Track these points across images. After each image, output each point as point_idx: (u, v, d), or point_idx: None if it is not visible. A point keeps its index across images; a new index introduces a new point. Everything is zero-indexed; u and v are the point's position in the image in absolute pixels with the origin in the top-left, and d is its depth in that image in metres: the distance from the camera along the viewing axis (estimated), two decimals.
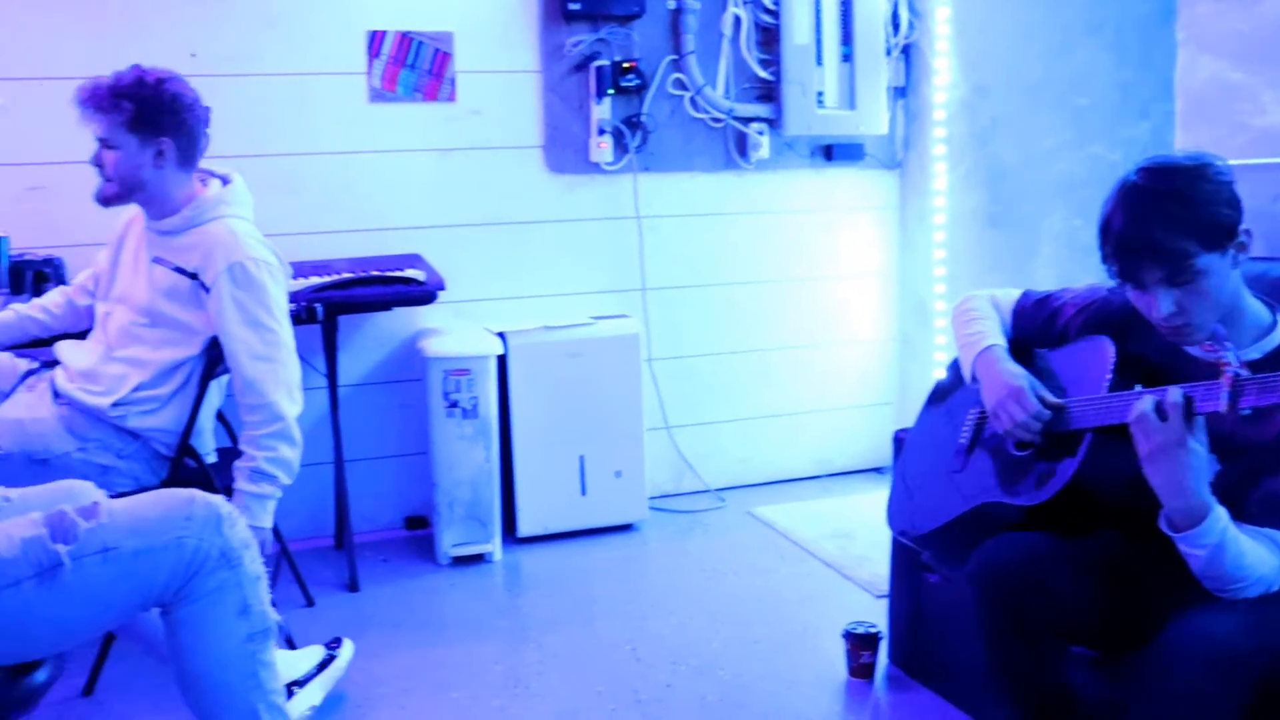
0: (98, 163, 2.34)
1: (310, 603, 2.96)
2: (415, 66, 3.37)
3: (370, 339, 3.42)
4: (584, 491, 3.40)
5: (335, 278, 3.01)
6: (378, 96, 3.36)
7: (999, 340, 1.94)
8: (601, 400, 3.37)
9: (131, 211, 2.52)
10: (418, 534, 3.53)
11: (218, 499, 1.65)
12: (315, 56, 3.30)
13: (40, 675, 1.56)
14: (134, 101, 2.29)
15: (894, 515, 2.14)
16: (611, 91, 3.43)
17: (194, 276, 2.34)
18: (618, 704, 2.35)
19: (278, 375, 2.31)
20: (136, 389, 2.34)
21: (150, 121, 2.31)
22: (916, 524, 2.04)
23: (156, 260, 2.39)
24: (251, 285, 2.31)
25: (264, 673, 1.70)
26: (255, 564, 1.68)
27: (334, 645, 2.43)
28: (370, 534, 3.45)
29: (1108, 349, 1.75)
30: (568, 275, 3.54)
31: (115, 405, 2.33)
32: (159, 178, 2.35)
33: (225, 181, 2.47)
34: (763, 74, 3.58)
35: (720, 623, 2.79)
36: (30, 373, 2.53)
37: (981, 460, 1.93)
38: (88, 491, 1.90)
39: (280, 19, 3.27)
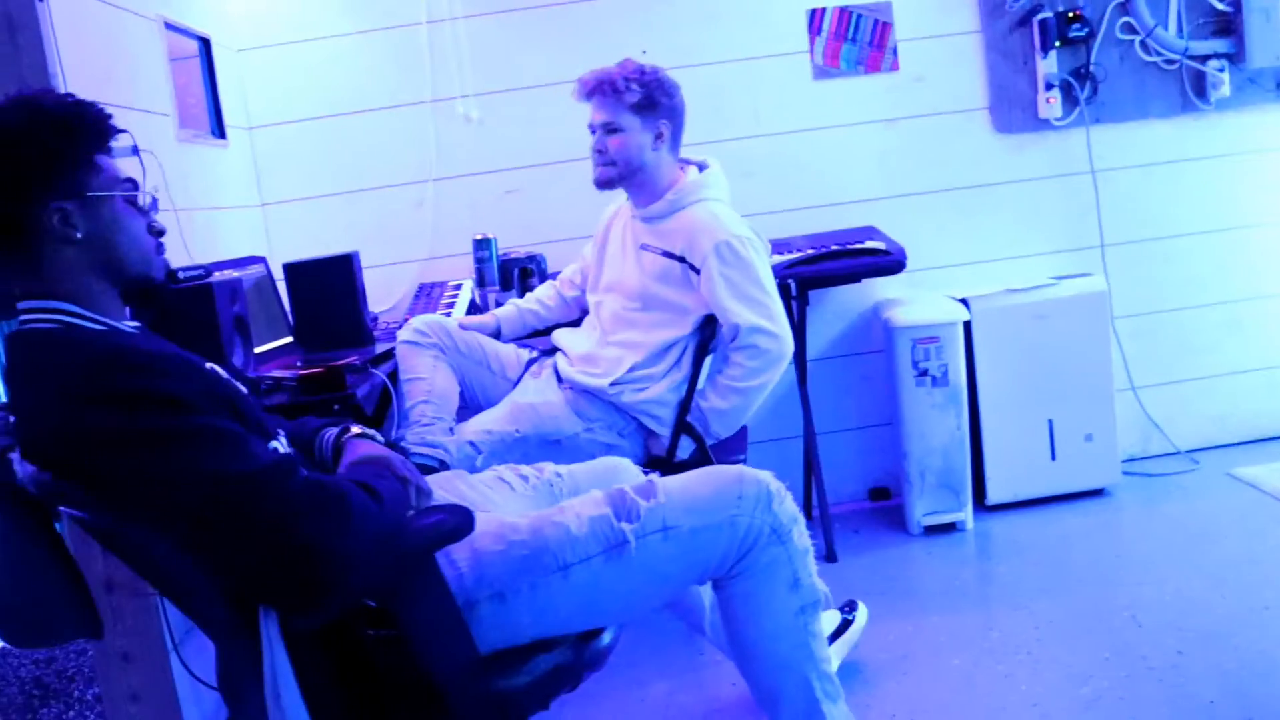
0: (600, 149, 2.57)
1: None
2: (856, 40, 3.49)
3: (830, 313, 3.55)
4: (1053, 456, 3.39)
5: (802, 254, 3.16)
6: (821, 74, 3.50)
7: None
8: (1068, 362, 3.35)
9: (613, 208, 2.75)
10: (882, 504, 3.64)
11: (766, 475, 1.71)
12: (758, 41, 3.48)
13: (605, 639, 1.68)
14: (640, 86, 2.52)
15: None
16: (1057, 44, 3.42)
17: (681, 259, 2.52)
18: (1129, 671, 2.31)
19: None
20: (632, 369, 2.54)
21: (652, 104, 2.54)
22: None
23: (644, 248, 2.59)
24: (739, 262, 2.47)
25: (814, 643, 1.77)
26: (803, 538, 1.74)
27: (848, 609, 2.53)
28: (836, 505, 3.56)
29: None
30: (1022, 236, 3.55)
31: (613, 384, 2.53)
32: (655, 160, 2.56)
33: (701, 168, 2.65)
34: (1219, 5, 3.47)
35: (1221, 588, 2.68)
36: (532, 361, 2.79)
37: None
38: (628, 469, 2.10)
39: (723, 12, 3.47)
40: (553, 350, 2.78)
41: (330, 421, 1.77)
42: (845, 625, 2.48)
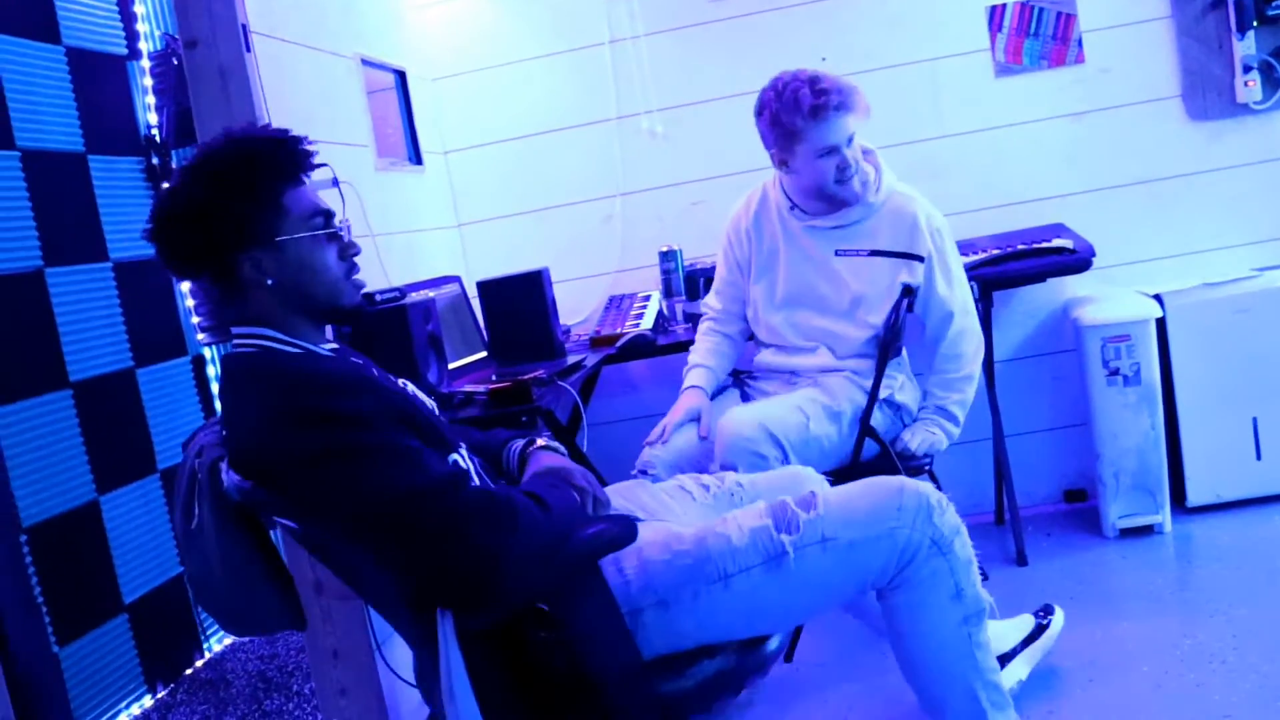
0: (852, 162, 2.62)
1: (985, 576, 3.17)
2: (1039, 34, 3.54)
3: (1018, 313, 3.63)
4: (1259, 456, 3.37)
5: (986, 254, 3.26)
6: (1004, 70, 3.57)
7: None
8: (1273, 356, 3.30)
9: (742, 222, 2.86)
10: (1077, 507, 3.67)
11: (927, 487, 1.76)
12: (939, 41, 3.56)
13: (771, 645, 1.78)
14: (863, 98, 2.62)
15: None
16: (1255, 24, 3.38)
17: (898, 254, 2.66)
18: None
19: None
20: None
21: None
22: None
23: (841, 253, 2.72)
24: (950, 247, 2.71)
25: (979, 653, 1.82)
26: (965, 548, 1.79)
27: (1043, 614, 2.57)
28: (1028, 508, 3.62)
29: None
30: (1221, 227, 3.52)
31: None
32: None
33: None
34: None
35: None
36: None
37: None
38: (809, 478, 2.18)
39: (901, 14, 3.57)
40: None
41: (518, 434, 1.98)
42: (1040, 630, 2.52)
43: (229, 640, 3.55)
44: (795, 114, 2.50)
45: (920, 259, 2.65)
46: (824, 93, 2.48)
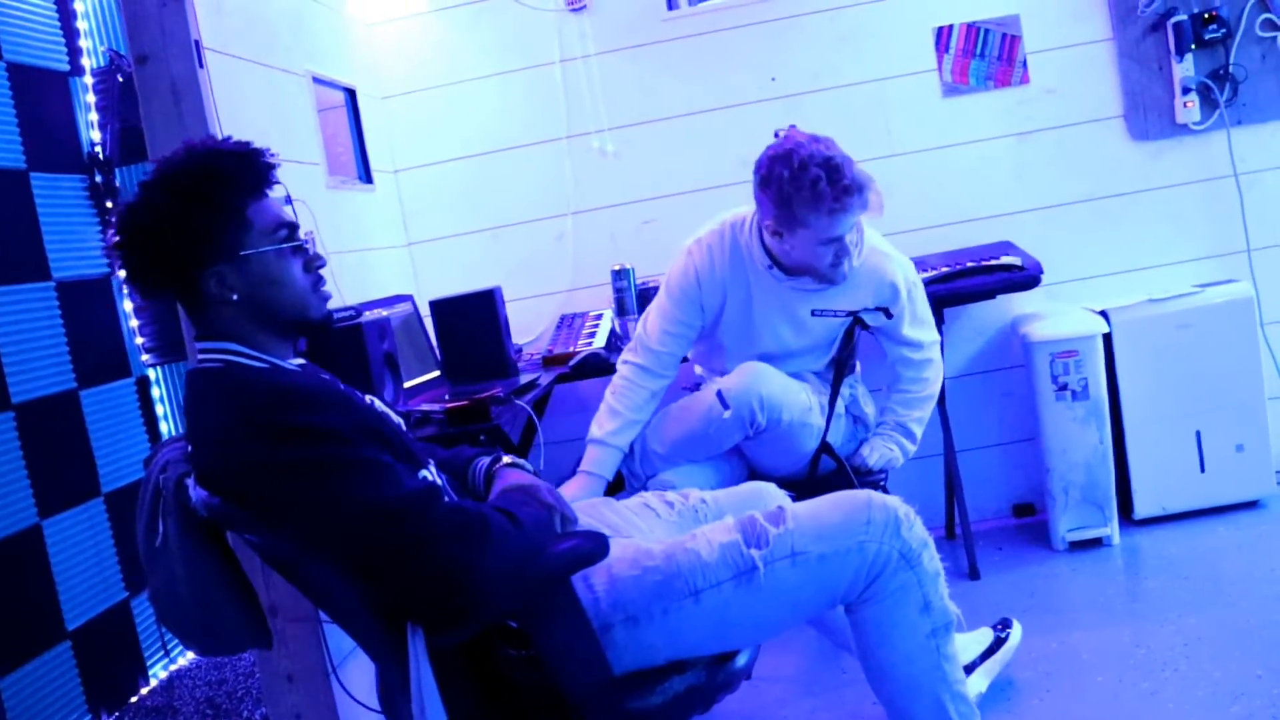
0: (841, 251, 2.56)
1: None
2: (984, 55, 3.64)
3: (968, 330, 3.70)
4: (1202, 469, 3.47)
5: (936, 272, 3.33)
6: (951, 90, 3.66)
7: None
8: (1215, 370, 3.39)
9: (712, 274, 2.73)
10: (1027, 521, 3.76)
11: (894, 500, 1.78)
12: (887, 62, 3.64)
13: (740, 660, 1.80)
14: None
15: None
16: (1193, 46, 3.49)
17: (873, 309, 2.71)
18: None
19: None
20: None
21: None
22: None
23: (818, 314, 2.71)
24: (920, 291, 2.80)
25: (947, 665, 1.83)
26: (933, 561, 1.80)
27: (1001, 627, 2.64)
28: (979, 523, 3.68)
29: None
30: (1164, 244, 3.62)
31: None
32: None
33: None
34: None
35: None
36: None
37: None
38: (772, 494, 2.22)
39: (850, 34, 3.66)
40: None
41: (483, 451, 1.98)
42: (999, 644, 2.57)
43: (175, 666, 3.51)
44: (811, 210, 2.42)
45: (892, 316, 2.70)
46: (845, 192, 2.39)
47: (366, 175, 3.54)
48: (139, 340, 3.45)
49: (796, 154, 2.41)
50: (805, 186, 2.38)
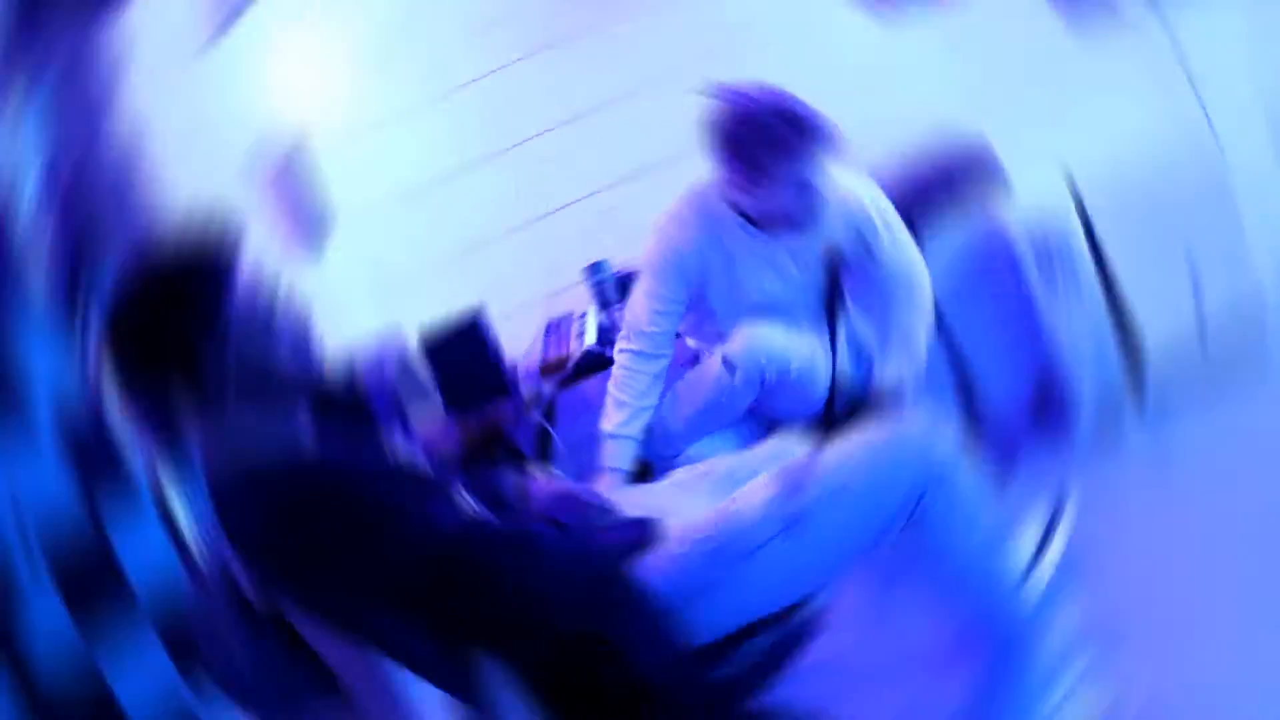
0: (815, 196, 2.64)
1: None
2: None
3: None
4: None
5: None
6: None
7: None
8: None
9: (697, 233, 2.75)
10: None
11: (923, 419, 1.81)
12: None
13: (814, 605, 1.81)
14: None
15: None
16: None
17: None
18: None
19: None
20: None
21: None
22: None
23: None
24: None
25: (1009, 559, 1.85)
26: (970, 473, 1.83)
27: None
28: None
29: None
30: None
31: None
32: None
33: None
34: None
35: None
36: None
37: None
38: (798, 444, 2.16)
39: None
40: None
41: (510, 467, 2.02)
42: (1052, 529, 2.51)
43: None
44: (773, 157, 2.43)
45: (868, 240, 2.71)
46: (803, 134, 2.40)
47: None
48: None
49: (745, 107, 2.41)
50: (764, 138, 2.39)
